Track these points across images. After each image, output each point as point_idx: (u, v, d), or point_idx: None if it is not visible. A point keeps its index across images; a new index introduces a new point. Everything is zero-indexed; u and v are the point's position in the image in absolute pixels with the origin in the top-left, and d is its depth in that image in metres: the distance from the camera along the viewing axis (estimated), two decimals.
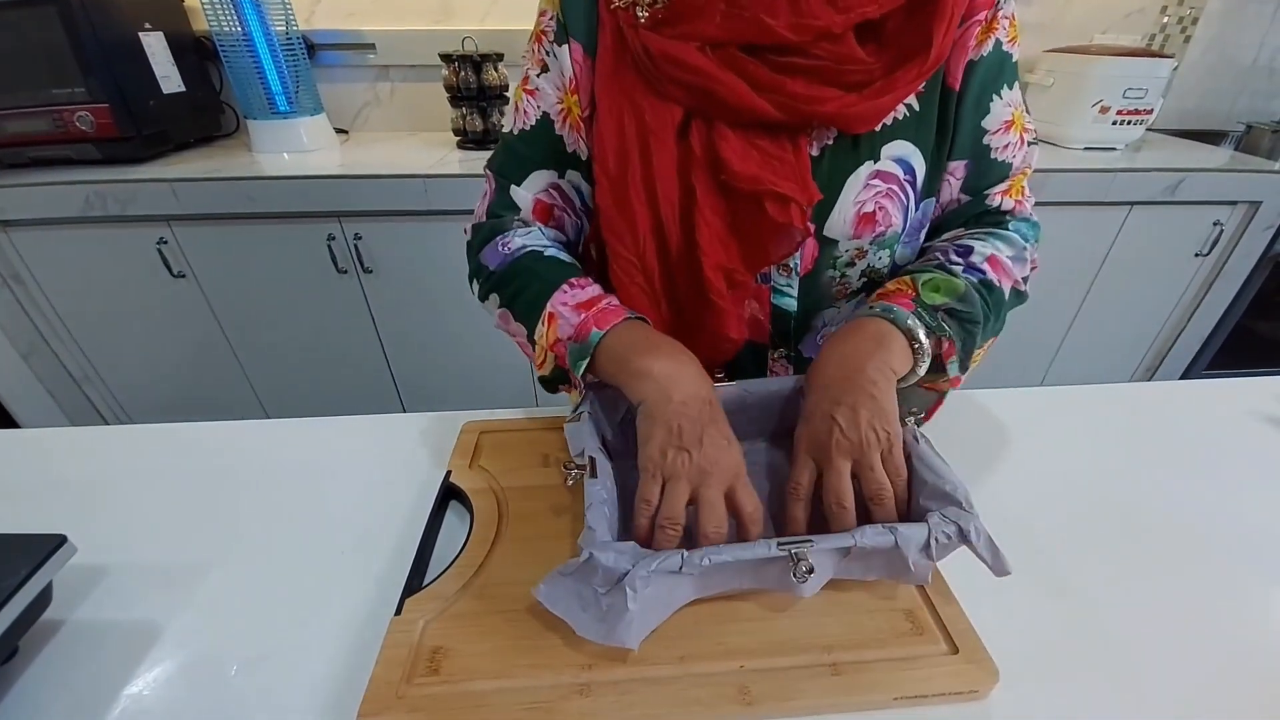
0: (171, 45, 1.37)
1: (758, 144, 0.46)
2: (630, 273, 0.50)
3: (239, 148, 1.48)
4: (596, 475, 0.42)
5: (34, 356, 1.42)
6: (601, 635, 0.36)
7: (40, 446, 0.60)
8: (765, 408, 0.51)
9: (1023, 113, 0.51)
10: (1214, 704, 0.37)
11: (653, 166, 0.47)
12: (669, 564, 0.35)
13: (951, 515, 0.37)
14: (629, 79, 0.47)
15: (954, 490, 0.39)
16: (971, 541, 0.36)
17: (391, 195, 1.25)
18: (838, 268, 0.53)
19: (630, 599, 0.34)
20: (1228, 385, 0.69)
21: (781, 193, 0.45)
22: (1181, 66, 1.69)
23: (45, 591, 0.39)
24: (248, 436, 0.61)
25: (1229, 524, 0.50)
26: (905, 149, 0.48)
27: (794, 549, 0.36)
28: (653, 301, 0.52)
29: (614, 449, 0.50)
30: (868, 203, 0.49)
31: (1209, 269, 1.54)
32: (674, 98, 0.46)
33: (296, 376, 1.53)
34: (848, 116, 0.45)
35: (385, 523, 0.50)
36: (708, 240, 0.47)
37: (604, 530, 0.38)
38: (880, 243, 0.51)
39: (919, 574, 0.38)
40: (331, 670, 0.38)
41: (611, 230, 0.50)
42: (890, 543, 0.36)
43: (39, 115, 1.23)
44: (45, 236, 1.27)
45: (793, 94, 0.44)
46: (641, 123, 0.47)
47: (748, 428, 0.51)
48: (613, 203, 0.49)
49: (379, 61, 1.57)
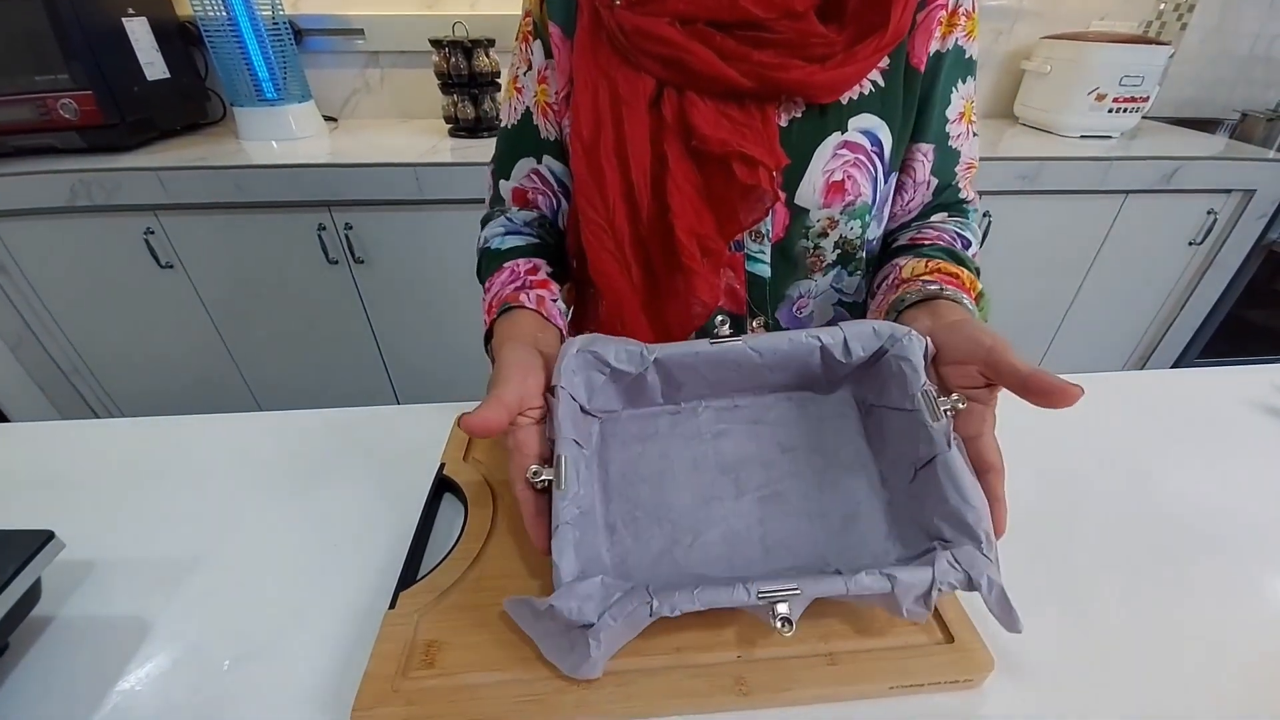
0: (155, 31, 1.34)
1: (728, 113, 0.48)
2: (600, 237, 0.52)
3: (226, 136, 1.46)
4: (562, 486, 0.37)
5: (22, 349, 1.40)
6: (566, 667, 0.35)
7: (27, 440, 0.59)
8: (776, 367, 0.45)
9: (972, 106, 0.55)
10: (1209, 691, 0.37)
11: (624, 133, 0.49)
12: (638, 615, 0.33)
13: (963, 560, 0.33)
14: (604, 54, 0.49)
15: (975, 523, 0.34)
16: (982, 593, 0.33)
17: (382, 184, 1.24)
18: (810, 238, 0.54)
19: (594, 647, 0.33)
20: (1222, 374, 0.69)
21: (749, 155, 0.47)
22: (1178, 54, 1.68)
23: (34, 588, 0.39)
24: (238, 429, 0.61)
25: (1224, 512, 0.50)
26: (872, 122, 0.51)
27: (775, 600, 0.33)
28: (622, 266, 0.52)
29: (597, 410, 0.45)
30: (836, 171, 0.51)
31: (1202, 258, 1.54)
32: (647, 69, 0.48)
33: (289, 368, 1.52)
34: (811, 85, 0.47)
35: (379, 516, 0.49)
36: (679, 204, 0.49)
37: (569, 564, 0.35)
38: (851, 212, 0.53)
39: (912, 619, 0.35)
40: (325, 664, 0.38)
41: (584, 195, 0.51)
42: (886, 589, 0.33)
43: (22, 103, 1.21)
44: (31, 227, 1.25)
45: (759, 62, 0.46)
46: (615, 93, 0.49)
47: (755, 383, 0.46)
48: (585, 168, 0.50)
49: (368, 47, 1.55)
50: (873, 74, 0.50)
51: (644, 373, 0.43)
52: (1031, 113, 1.62)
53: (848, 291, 0.60)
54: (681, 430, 0.45)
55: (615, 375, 0.44)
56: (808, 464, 0.43)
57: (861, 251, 0.57)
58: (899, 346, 0.41)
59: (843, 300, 0.60)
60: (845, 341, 0.42)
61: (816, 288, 0.58)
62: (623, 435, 0.45)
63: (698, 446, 0.45)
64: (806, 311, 0.59)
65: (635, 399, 0.46)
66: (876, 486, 0.41)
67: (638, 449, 0.45)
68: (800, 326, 0.58)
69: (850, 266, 0.58)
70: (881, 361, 0.42)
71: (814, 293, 0.58)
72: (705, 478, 0.43)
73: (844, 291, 0.59)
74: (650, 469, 0.44)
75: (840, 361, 0.43)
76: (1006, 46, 1.69)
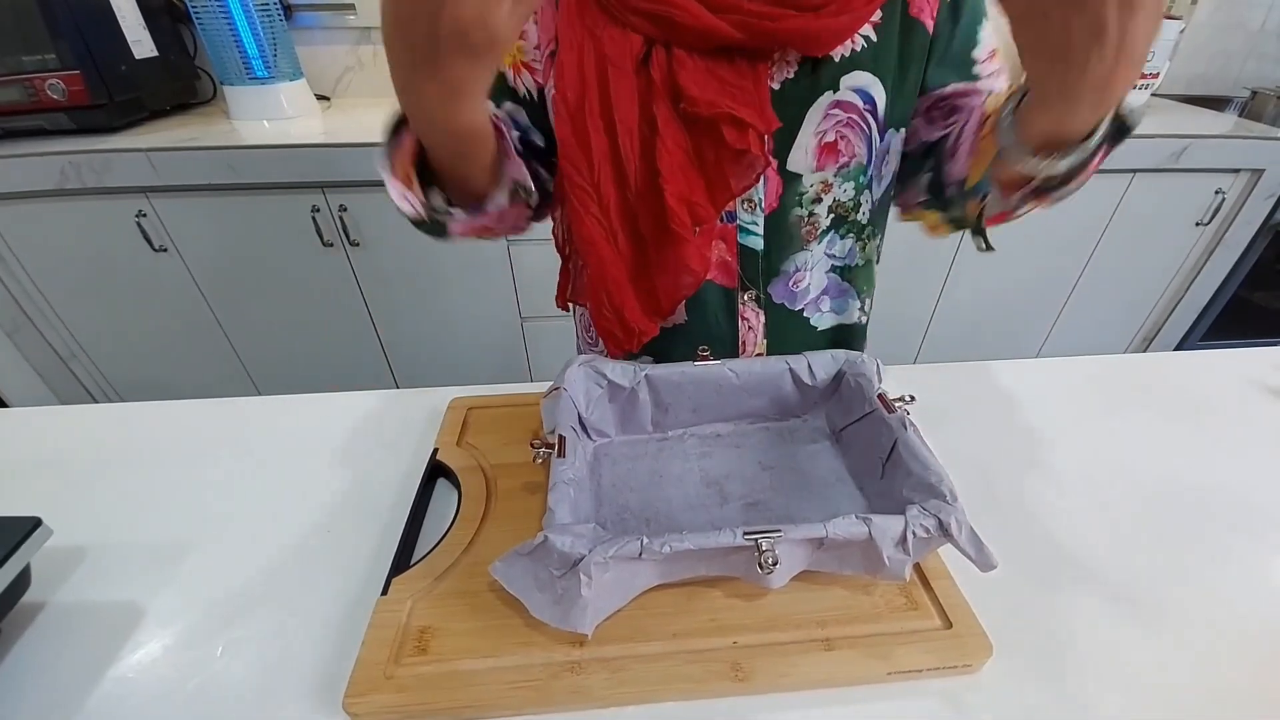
0: (141, 7, 1.31)
1: (718, 73, 0.47)
2: (585, 203, 0.50)
3: (217, 115, 1.43)
4: (564, 455, 0.41)
5: (19, 334, 1.39)
6: (556, 619, 0.35)
7: (21, 426, 0.59)
8: (753, 390, 0.50)
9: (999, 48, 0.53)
10: (1212, 673, 0.37)
11: (610, 95, 0.47)
12: (628, 550, 0.34)
13: (932, 508, 0.36)
14: (591, 13, 0.47)
15: (939, 482, 0.38)
16: (953, 535, 0.35)
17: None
18: (804, 204, 0.53)
19: (584, 585, 0.33)
20: (1226, 355, 0.68)
21: (739, 117, 0.45)
22: (1188, 29, 1.64)
23: (23, 575, 0.38)
24: (231, 413, 0.60)
25: (1228, 494, 0.50)
26: (865, 79, 0.49)
27: (760, 538, 0.34)
28: (608, 234, 0.51)
29: (592, 427, 0.49)
30: (829, 132, 0.50)
31: (1209, 238, 1.52)
32: (634, 27, 0.47)
33: (285, 352, 1.51)
34: (806, 33, 0.45)
35: (372, 501, 0.49)
36: (669, 169, 0.47)
37: (565, 512, 0.37)
38: (844, 174, 0.52)
39: (894, 569, 0.36)
40: (318, 651, 0.38)
41: (569, 159, 0.50)
42: (864, 534, 0.35)
43: (10, 85, 1.18)
44: (22, 210, 1.23)
45: (750, 12, 0.44)
46: (601, 54, 0.47)
47: (735, 409, 0.52)
48: (570, 131, 0.49)
49: (359, 23, 1.51)
50: (864, 29, 0.48)
51: (636, 390, 0.49)
52: None
53: (840, 255, 0.58)
54: (669, 452, 0.50)
55: (612, 391, 0.49)
56: (787, 479, 0.48)
57: (855, 214, 0.55)
58: (854, 367, 0.50)
59: (835, 266, 0.59)
60: (809, 366, 0.50)
61: (812, 259, 0.57)
62: (614, 455, 0.50)
63: (684, 463, 0.49)
64: (803, 285, 0.58)
65: (627, 422, 0.51)
66: (854, 494, 0.46)
67: (628, 465, 0.49)
68: (796, 301, 0.58)
69: (842, 230, 0.56)
70: (843, 383, 0.50)
71: (809, 264, 0.57)
72: (691, 489, 0.47)
73: (836, 256, 0.58)
74: (640, 481, 0.47)
75: (808, 385, 0.51)
76: None
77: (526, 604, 0.36)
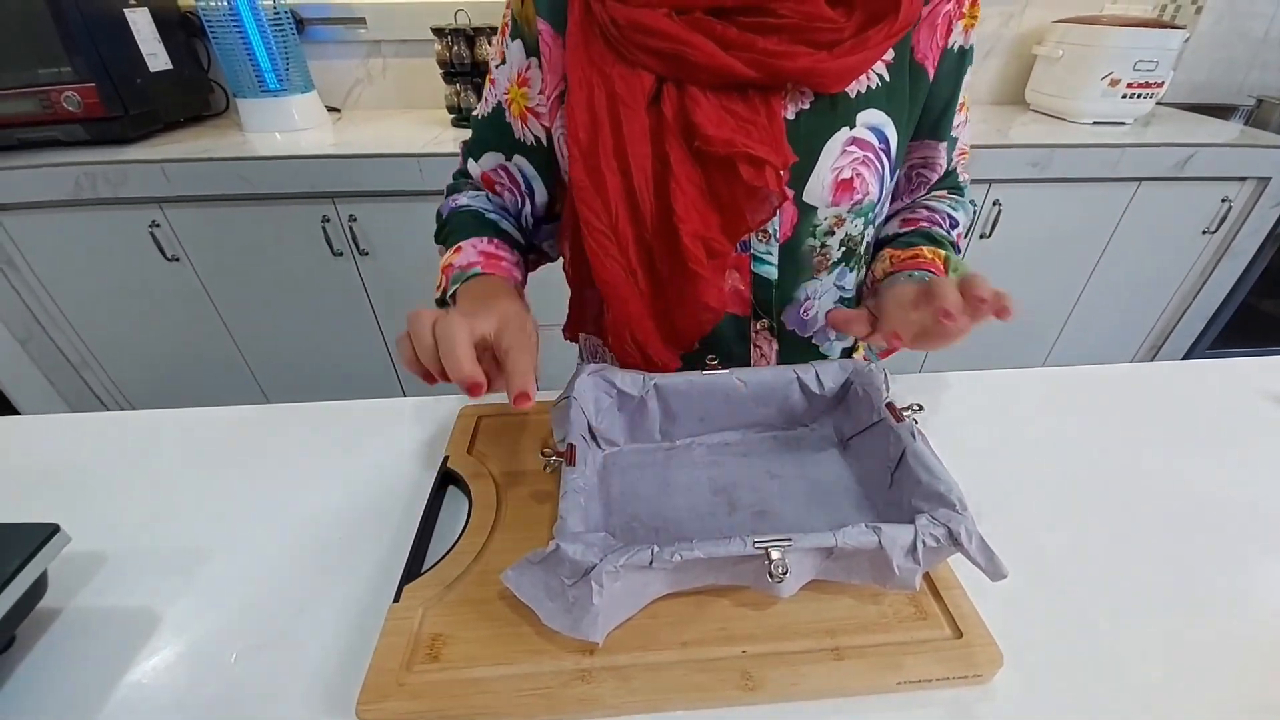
0: (157, 21, 1.34)
1: (731, 108, 0.46)
2: (604, 245, 0.50)
3: (230, 127, 1.46)
4: (575, 463, 0.41)
5: (31, 343, 1.41)
6: (566, 627, 0.35)
7: (37, 433, 0.60)
8: (761, 399, 0.50)
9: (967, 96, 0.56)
10: (1219, 683, 0.37)
11: (624, 136, 0.47)
12: (638, 559, 0.34)
13: (941, 517, 0.36)
14: (598, 51, 0.47)
15: (948, 491, 0.38)
16: (963, 545, 0.35)
17: (386, 175, 1.23)
18: (817, 236, 0.53)
19: (595, 594, 0.33)
20: (1234, 364, 0.68)
21: (755, 155, 0.45)
22: (1192, 38, 1.65)
23: (40, 581, 0.39)
24: (244, 421, 0.61)
25: (1237, 505, 0.50)
26: (879, 118, 0.49)
27: (770, 547, 0.34)
28: (628, 273, 0.51)
29: (602, 436, 0.49)
30: (845, 169, 0.49)
31: (1216, 247, 1.52)
32: (645, 65, 0.46)
33: (295, 361, 1.52)
34: (819, 73, 0.45)
35: (383, 508, 0.49)
36: (684, 208, 0.47)
37: (576, 520, 0.37)
38: (858, 211, 0.52)
39: (904, 579, 0.36)
40: (331, 658, 0.38)
41: (584, 202, 0.49)
42: (874, 543, 0.35)
43: (26, 96, 1.20)
44: (37, 220, 1.25)
45: (763, 50, 0.44)
46: (612, 93, 0.47)
47: (743, 418, 0.52)
48: (585, 173, 0.49)
49: (370, 36, 1.53)
50: (878, 67, 0.48)
51: (645, 398, 0.49)
52: (1043, 99, 1.59)
53: (848, 288, 0.59)
54: (677, 461, 0.50)
55: (621, 400, 0.49)
56: (796, 487, 0.48)
57: (861, 248, 0.56)
58: (862, 376, 0.49)
59: (843, 298, 0.59)
60: (817, 375, 0.50)
61: (821, 288, 0.57)
62: (623, 464, 0.50)
63: (692, 472, 0.49)
64: (812, 314, 0.58)
65: (636, 430, 0.51)
66: (862, 502, 0.46)
67: (637, 474, 0.49)
68: (806, 329, 0.58)
69: (851, 263, 0.57)
70: (850, 392, 0.50)
71: (819, 293, 0.57)
72: (700, 497, 0.47)
73: (845, 288, 0.58)
74: (648, 490, 0.48)
75: (815, 394, 0.50)
76: (1017, 30, 1.65)
77: (537, 612, 0.36)
